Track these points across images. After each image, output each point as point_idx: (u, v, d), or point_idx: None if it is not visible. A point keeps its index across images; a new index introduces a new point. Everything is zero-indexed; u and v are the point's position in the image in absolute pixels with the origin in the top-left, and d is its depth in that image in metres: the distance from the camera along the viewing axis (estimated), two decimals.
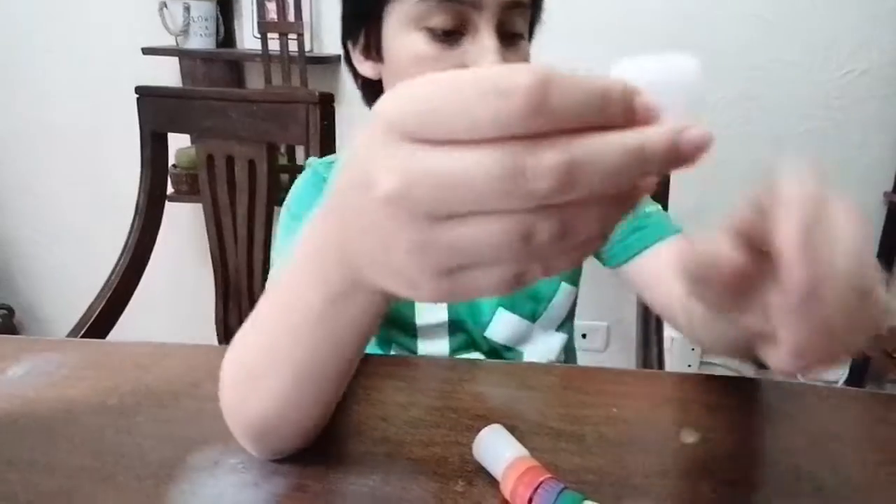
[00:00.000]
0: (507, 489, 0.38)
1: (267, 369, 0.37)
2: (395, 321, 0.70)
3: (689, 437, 0.46)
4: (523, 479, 0.37)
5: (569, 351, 0.78)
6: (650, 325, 1.06)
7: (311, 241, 0.31)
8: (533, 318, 0.71)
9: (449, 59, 0.55)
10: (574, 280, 0.73)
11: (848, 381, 1.55)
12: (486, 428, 0.42)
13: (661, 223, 0.64)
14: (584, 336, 1.67)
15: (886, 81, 1.41)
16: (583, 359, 0.86)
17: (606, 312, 1.66)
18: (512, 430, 0.47)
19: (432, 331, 0.70)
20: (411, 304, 0.69)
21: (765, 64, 1.43)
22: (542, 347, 0.72)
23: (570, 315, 0.76)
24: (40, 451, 0.45)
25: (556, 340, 0.74)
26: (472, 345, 0.71)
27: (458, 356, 0.71)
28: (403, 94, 0.21)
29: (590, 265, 0.73)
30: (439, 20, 0.55)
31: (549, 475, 0.38)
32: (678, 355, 1.64)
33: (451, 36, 0.55)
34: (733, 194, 0.25)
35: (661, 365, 1.01)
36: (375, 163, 0.21)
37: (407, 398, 0.51)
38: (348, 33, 0.65)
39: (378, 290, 0.27)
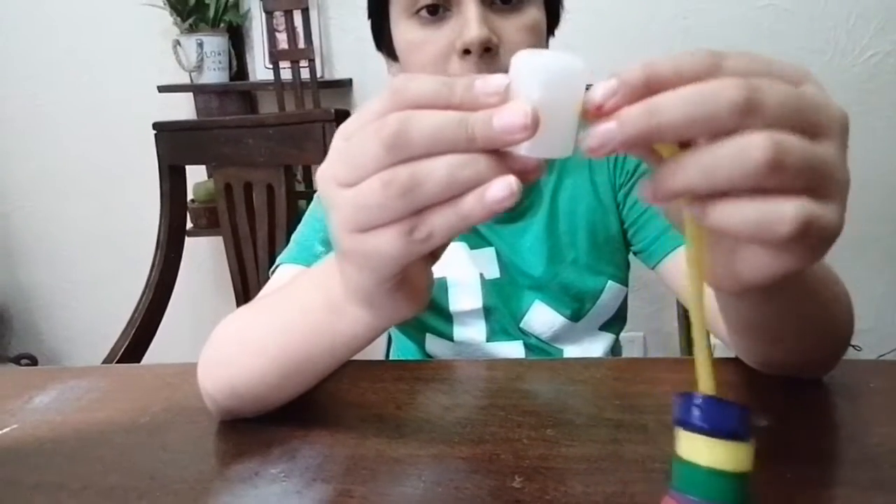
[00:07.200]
0: None
1: (256, 347, 0.44)
2: (431, 308, 0.68)
3: (761, 421, 0.43)
4: None
5: (615, 354, 0.75)
6: None
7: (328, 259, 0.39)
8: (576, 317, 0.67)
9: (436, 39, 0.55)
10: (621, 279, 0.69)
11: None
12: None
13: None
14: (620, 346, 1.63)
15: None
16: None
17: (642, 322, 1.62)
18: (568, 423, 0.44)
19: (467, 316, 0.67)
20: (445, 293, 0.67)
21: (786, 54, 1.41)
22: (586, 348, 0.69)
23: (620, 316, 0.72)
24: (70, 473, 0.42)
25: (601, 341, 0.70)
26: (508, 333, 0.68)
27: (496, 343, 0.68)
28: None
29: (635, 270, 0.70)
30: (424, 2, 0.54)
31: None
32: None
33: (437, 16, 0.55)
34: None
35: None
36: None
37: (450, 400, 0.48)
38: (376, 41, 0.65)
39: (360, 308, 0.35)
